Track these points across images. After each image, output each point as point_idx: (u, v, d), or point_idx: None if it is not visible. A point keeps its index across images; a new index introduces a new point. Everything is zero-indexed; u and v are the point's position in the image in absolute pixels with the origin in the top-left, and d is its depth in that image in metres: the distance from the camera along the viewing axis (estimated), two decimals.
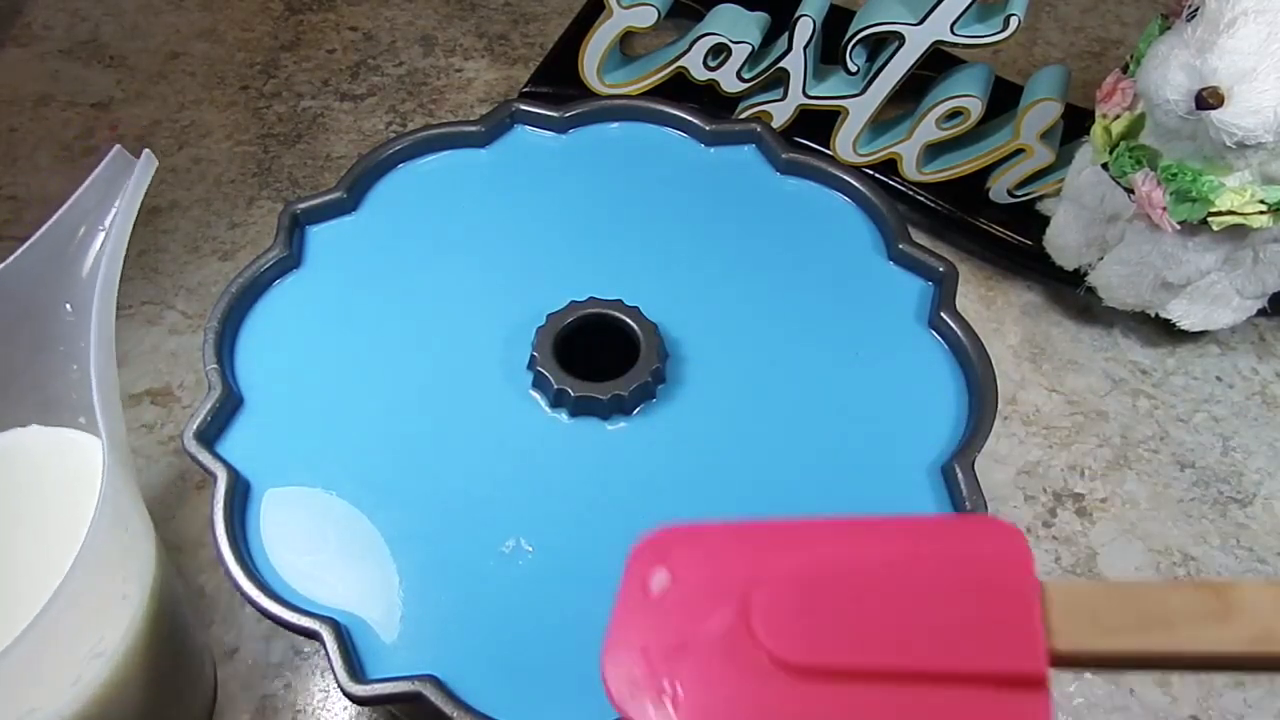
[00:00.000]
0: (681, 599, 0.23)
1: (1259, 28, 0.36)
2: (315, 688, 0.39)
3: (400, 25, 0.63)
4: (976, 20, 0.45)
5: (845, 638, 0.20)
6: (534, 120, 0.42)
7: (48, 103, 0.57)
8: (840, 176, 0.40)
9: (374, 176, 0.40)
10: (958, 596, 0.21)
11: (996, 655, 0.19)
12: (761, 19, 0.51)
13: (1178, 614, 0.20)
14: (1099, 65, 0.62)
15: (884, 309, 0.37)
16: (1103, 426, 0.47)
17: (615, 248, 0.39)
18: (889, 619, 0.20)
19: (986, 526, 0.22)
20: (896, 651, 0.20)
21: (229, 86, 0.59)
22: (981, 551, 0.21)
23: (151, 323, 0.48)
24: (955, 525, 0.23)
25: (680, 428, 0.34)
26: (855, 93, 0.50)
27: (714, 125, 0.41)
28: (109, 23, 0.62)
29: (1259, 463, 0.46)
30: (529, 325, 0.35)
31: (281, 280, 0.37)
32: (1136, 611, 0.20)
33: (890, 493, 0.33)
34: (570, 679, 0.30)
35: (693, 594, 0.23)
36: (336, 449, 0.34)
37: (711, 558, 0.23)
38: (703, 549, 0.24)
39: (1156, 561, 0.43)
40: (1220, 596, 0.20)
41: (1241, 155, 0.38)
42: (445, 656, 0.30)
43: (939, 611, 0.20)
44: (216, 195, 0.53)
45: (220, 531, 0.31)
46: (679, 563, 0.23)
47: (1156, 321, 0.48)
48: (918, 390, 0.36)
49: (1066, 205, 0.47)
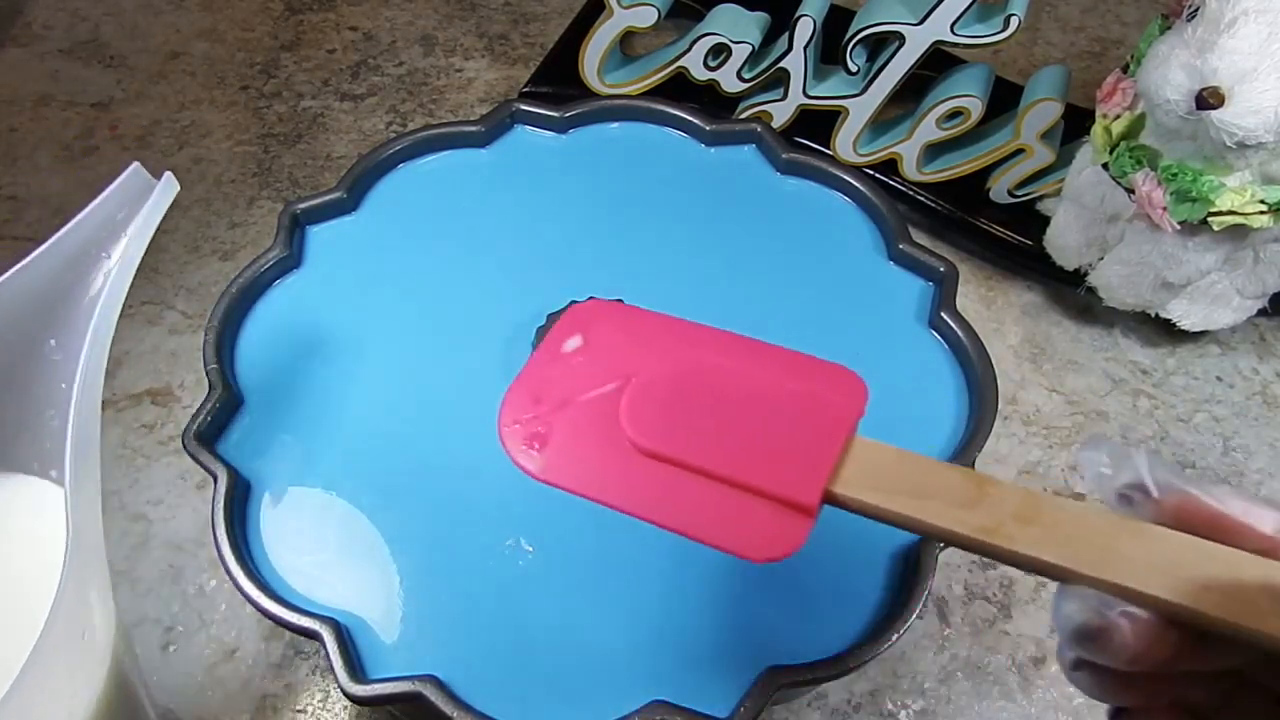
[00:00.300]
0: (583, 363, 0.27)
1: (1259, 28, 0.36)
2: (315, 688, 0.39)
3: (400, 25, 0.63)
4: (977, 20, 0.45)
5: (682, 436, 0.24)
6: (534, 120, 0.42)
7: (48, 103, 0.57)
8: (840, 176, 0.40)
9: (374, 176, 0.40)
10: (786, 425, 0.24)
11: (784, 482, 0.23)
12: (762, 19, 0.51)
13: (940, 491, 0.23)
14: (1099, 65, 0.62)
15: (884, 309, 0.37)
16: (1103, 426, 0.47)
17: (615, 247, 0.39)
18: (724, 429, 0.25)
19: (841, 376, 0.26)
20: (716, 457, 0.24)
21: (229, 86, 0.59)
22: (826, 395, 0.25)
23: (151, 323, 0.48)
24: (818, 368, 0.26)
25: None
26: (855, 93, 0.50)
27: (714, 125, 0.41)
28: (109, 22, 0.62)
29: (1260, 463, 0.46)
30: (529, 325, 0.35)
31: (282, 280, 0.37)
32: (911, 481, 0.23)
33: None
34: (570, 679, 0.30)
35: (593, 362, 0.27)
36: (336, 449, 0.34)
37: (621, 336, 0.27)
38: (619, 326, 0.28)
39: None
40: (980, 487, 0.23)
41: (1242, 155, 0.38)
42: (445, 656, 0.30)
43: (765, 433, 0.24)
44: (217, 195, 0.53)
45: (220, 531, 0.31)
46: (595, 332, 0.27)
47: (1157, 321, 0.48)
48: (918, 390, 0.36)
49: (1067, 205, 0.47)
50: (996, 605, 0.41)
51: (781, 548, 0.23)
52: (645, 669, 0.30)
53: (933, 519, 0.22)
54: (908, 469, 0.23)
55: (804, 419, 0.24)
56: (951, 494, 0.23)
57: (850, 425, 0.24)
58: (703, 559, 0.32)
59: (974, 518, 0.22)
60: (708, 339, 0.27)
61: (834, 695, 0.39)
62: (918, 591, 0.30)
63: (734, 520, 0.24)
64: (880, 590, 0.31)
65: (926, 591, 0.30)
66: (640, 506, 0.24)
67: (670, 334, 0.27)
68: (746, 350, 0.27)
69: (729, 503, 0.24)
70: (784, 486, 0.23)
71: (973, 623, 0.41)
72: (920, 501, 0.23)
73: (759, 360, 0.26)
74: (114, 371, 0.46)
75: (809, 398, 0.25)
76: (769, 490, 0.23)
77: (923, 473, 0.23)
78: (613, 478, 0.25)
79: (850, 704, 0.39)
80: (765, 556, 0.23)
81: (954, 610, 0.41)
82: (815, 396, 0.25)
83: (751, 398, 0.25)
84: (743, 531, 0.23)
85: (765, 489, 0.23)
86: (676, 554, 0.31)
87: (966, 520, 0.22)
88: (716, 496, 0.24)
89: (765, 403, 0.25)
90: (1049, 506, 0.22)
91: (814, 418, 0.24)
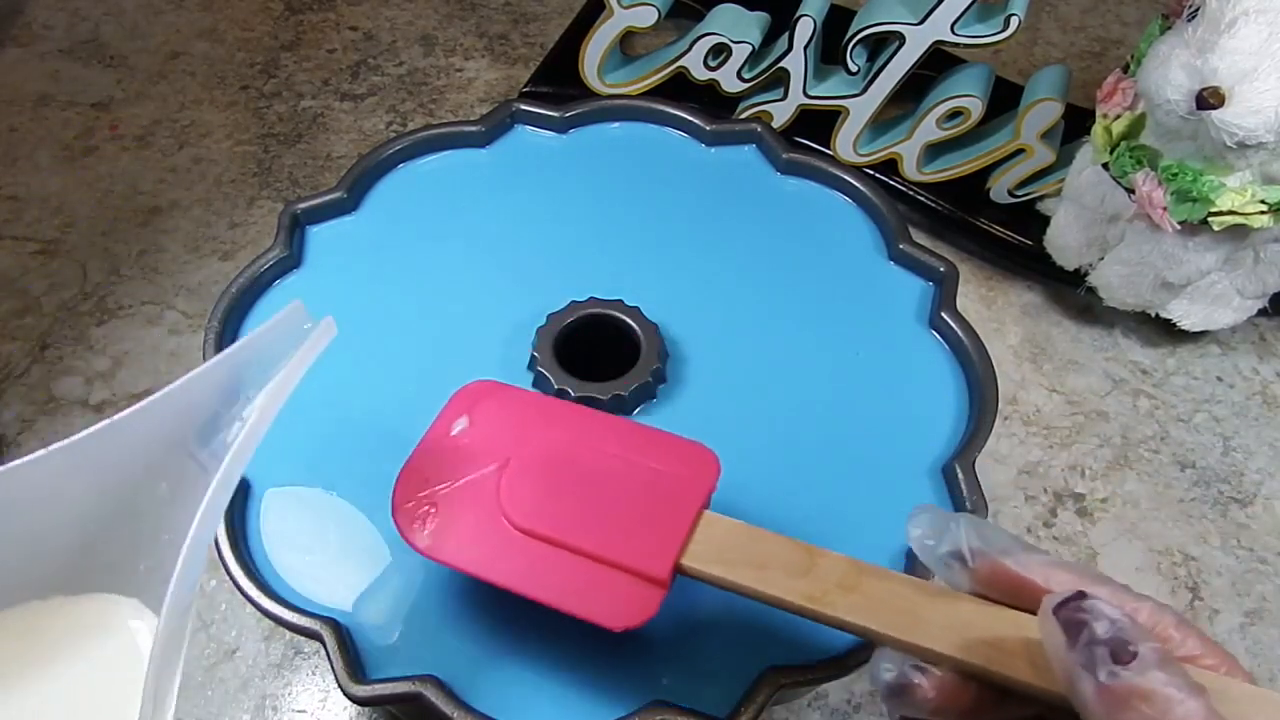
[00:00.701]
0: (469, 444, 0.29)
1: (1259, 28, 0.36)
2: (315, 688, 0.39)
3: (400, 25, 0.63)
4: (977, 20, 0.45)
5: (552, 515, 0.27)
6: (534, 120, 0.42)
7: (48, 102, 0.57)
8: (840, 176, 0.40)
9: (374, 176, 0.40)
10: (644, 503, 0.27)
11: (639, 557, 0.26)
12: (762, 19, 0.51)
13: (777, 562, 0.25)
14: (1099, 65, 0.62)
15: (884, 309, 0.37)
16: (1103, 426, 0.47)
17: (616, 248, 0.39)
18: (589, 507, 0.27)
19: (697, 454, 0.28)
20: (581, 535, 0.27)
21: (229, 86, 0.59)
22: (681, 473, 0.28)
23: (152, 322, 0.48)
24: (677, 446, 0.29)
25: (681, 427, 0.34)
26: (856, 93, 0.50)
27: (714, 125, 0.41)
28: (109, 22, 0.62)
29: (1259, 463, 0.46)
30: (529, 325, 0.35)
31: (282, 280, 0.37)
32: (751, 552, 0.26)
33: (890, 492, 0.33)
34: (569, 679, 0.30)
35: (477, 443, 0.29)
36: (336, 449, 0.34)
37: (503, 417, 0.30)
38: (501, 408, 0.30)
39: (1157, 562, 0.43)
40: (811, 558, 0.25)
41: (1242, 155, 0.38)
42: (445, 656, 0.30)
43: (626, 511, 0.27)
44: (217, 195, 0.53)
45: (220, 531, 0.31)
46: (480, 413, 0.30)
47: (1157, 321, 0.48)
48: (918, 390, 0.36)
49: (1067, 205, 0.47)
50: None
51: (636, 617, 0.26)
52: (645, 669, 0.30)
53: (768, 588, 0.25)
54: (749, 542, 0.26)
55: (660, 497, 0.27)
56: (787, 564, 0.25)
57: (700, 502, 0.27)
58: None
59: (803, 586, 0.25)
60: (579, 421, 0.30)
61: (834, 695, 0.39)
62: None
63: (596, 592, 0.26)
64: None
65: None
66: (514, 581, 0.27)
67: (546, 416, 0.30)
68: (614, 431, 0.29)
69: (592, 576, 0.26)
70: (639, 561, 0.26)
71: None
72: (759, 572, 0.25)
73: (624, 440, 0.29)
74: (114, 371, 0.46)
75: (666, 476, 0.28)
76: (626, 565, 0.26)
77: (762, 545, 0.26)
78: (490, 555, 0.27)
79: (850, 704, 0.39)
80: (622, 625, 0.26)
81: None
82: (671, 475, 0.28)
83: (614, 477, 0.28)
84: (603, 603, 0.26)
85: (623, 564, 0.26)
86: None
87: (796, 588, 0.25)
88: (582, 570, 0.27)
89: (627, 482, 0.28)
90: (869, 576, 0.25)
91: (669, 496, 0.27)
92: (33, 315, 0.48)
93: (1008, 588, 0.23)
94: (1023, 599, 0.22)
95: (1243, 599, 0.42)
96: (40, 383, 0.46)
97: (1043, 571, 0.22)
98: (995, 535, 0.23)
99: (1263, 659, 0.41)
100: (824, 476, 0.33)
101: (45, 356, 0.47)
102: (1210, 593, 0.42)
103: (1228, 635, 0.41)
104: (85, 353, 0.47)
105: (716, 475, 0.28)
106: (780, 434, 0.34)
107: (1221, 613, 0.42)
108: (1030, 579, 0.22)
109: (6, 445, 0.44)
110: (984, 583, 0.23)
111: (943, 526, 0.23)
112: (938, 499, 0.33)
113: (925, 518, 0.24)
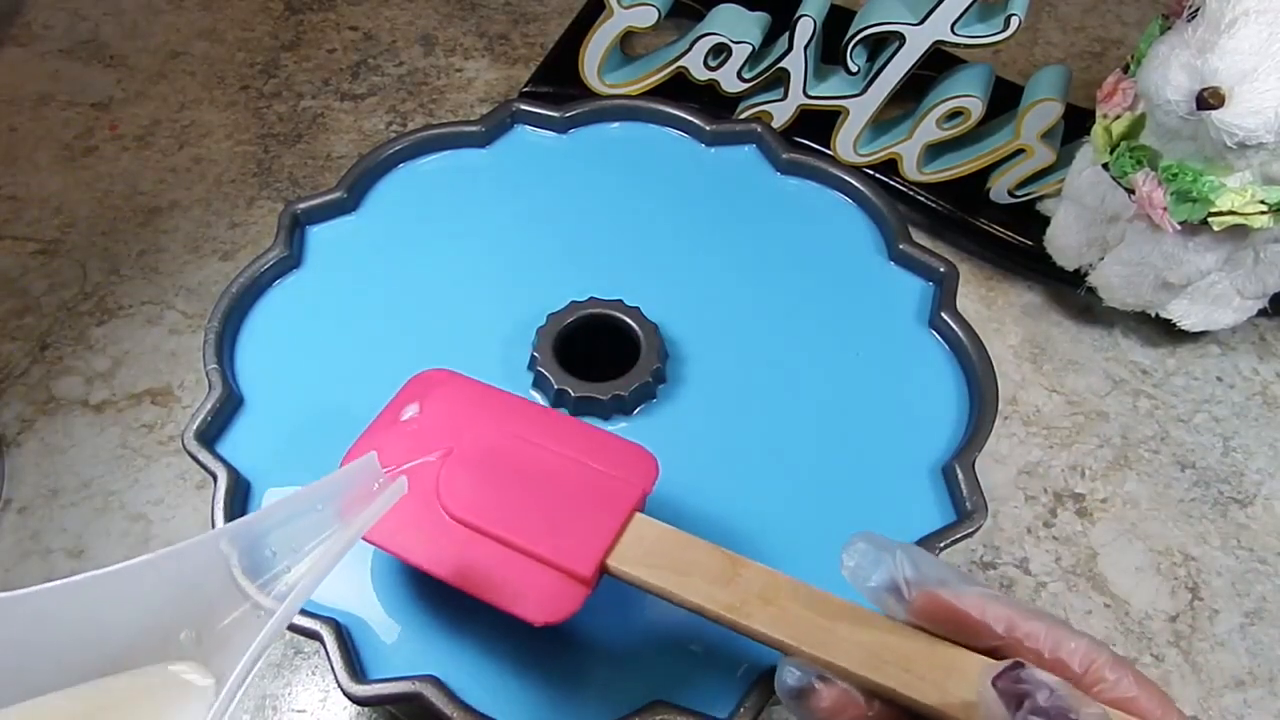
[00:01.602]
0: (415, 432, 0.30)
1: (1259, 28, 0.36)
2: (315, 687, 0.39)
3: (400, 25, 0.63)
4: (977, 20, 0.45)
5: (486, 506, 0.28)
6: (534, 120, 0.42)
7: (48, 102, 0.57)
8: (840, 176, 0.40)
9: (374, 176, 0.40)
10: (578, 501, 0.27)
11: (566, 555, 0.26)
12: (762, 19, 0.51)
13: (701, 569, 0.26)
14: (1100, 65, 0.62)
15: (884, 309, 0.37)
16: (1103, 427, 0.47)
17: (616, 248, 0.39)
18: (524, 501, 0.28)
19: (637, 457, 0.29)
20: (513, 528, 0.27)
21: (229, 86, 0.59)
22: (618, 474, 0.28)
23: (152, 322, 0.48)
24: (618, 448, 0.29)
25: (681, 427, 0.34)
26: (856, 93, 0.50)
27: (714, 125, 0.41)
28: (109, 22, 0.62)
29: (1259, 463, 0.46)
30: (529, 325, 0.35)
31: (282, 280, 0.37)
32: (676, 558, 0.26)
33: (890, 492, 0.33)
34: (569, 679, 0.30)
35: (423, 431, 0.30)
36: (337, 449, 0.34)
37: (451, 406, 0.30)
38: (449, 397, 0.30)
39: (1157, 562, 0.43)
40: (734, 567, 0.26)
41: (1242, 155, 0.38)
42: (445, 656, 0.30)
43: (559, 507, 0.27)
44: (217, 195, 0.53)
45: None
46: (429, 402, 0.30)
47: (1157, 322, 0.48)
48: (918, 390, 0.36)
49: (1067, 205, 0.47)
50: None
51: (558, 613, 0.26)
52: (645, 669, 0.30)
53: (689, 595, 0.25)
54: (675, 548, 0.26)
55: (594, 496, 0.28)
56: (709, 572, 0.26)
57: (633, 504, 0.27)
58: None
59: (723, 595, 0.25)
60: (525, 415, 0.30)
61: None
62: None
63: (520, 586, 0.27)
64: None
65: None
66: (441, 569, 0.27)
67: (493, 409, 0.30)
68: (556, 427, 0.30)
69: (519, 569, 0.27)
70: (565, 558, 0.26)
71: None
72: (681, 578, 0.26)
73: (566, 438, 0.29)
74: (113, 371, 0.46)
75: (603, 477, 0.28)
76: (553, 561, 0.26)
77: (688, 552, 0.26)
78: (421, 541, 0.28)
79: None
80: (543, 620, 0.26)
81: None
82: (609, 476, 0.28)
83: (552, 474, 0.28)
84: (526, 597, 0.26)
85: (550, 559, 0.27)
86: None
87: (717, 597, 0.25)
88: (510, 563, 0.27)
89: (564, 479, 0.28)
90: (790, 590, 0.25)
91: (603, 496, 0.28)
92: (33, 315, 0.48)
93: (944, 619, 0.23)
94: (958, 631, 0.23)
95: (1242, 599, 0.42)
96: (40, 382, 0.46)
97: (979, 605, 0.22)
98: (931, 566, 0.23)
99: (1262, 659, 0.41)
100: (824, 476, 0.33)
101: (45, 356, 0.47)
102: (1210, 593, 0.42)
103: (1228, 635, 0.41)
104: (85, 352, 0.47)
105: (653, 479, 0.28)
106: (780, 434, 0.34)
107: (1221, 613, 0.42)
108: (966, 611, 0.22)
109: (6, 445, 0.44)
110: (919, 614, 0.23)
111: (878, 558, 0.23)
112: (937, 498, 0.33)
113: (861, 547, 0.23)
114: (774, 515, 0.33)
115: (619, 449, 0.29)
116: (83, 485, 0.43)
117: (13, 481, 0.43)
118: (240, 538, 0.22)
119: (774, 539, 0.32)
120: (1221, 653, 0.41)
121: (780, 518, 0.33)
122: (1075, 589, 0.42)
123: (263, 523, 0.23)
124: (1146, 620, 0.42)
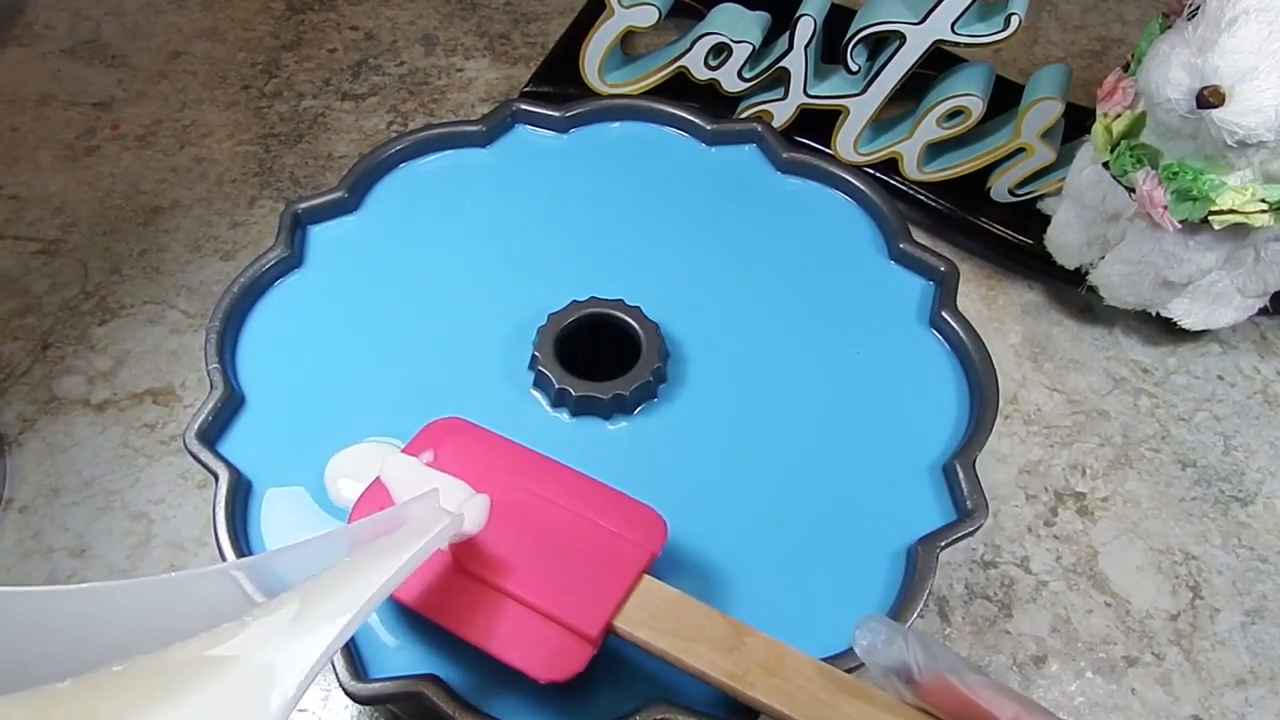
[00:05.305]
0: None
1: (1260, 27, 0.36)
2: (316, 687, 0.39)
3: (401, 25, 0.63)
4: (977, 19, 0.45)
5: (496, 560, 0.28)
6: (535, 120, 0.42)
7: (49, 102, 0.57)
8: (841, 176, 0.40)
9: (375, 176, 0.40)
10: (587, 560, 0.28)
11: (573, 613, 0.27)
12: (762, 18, 0.51)
13: (704, 635, 0.26)
14: (1100, 64, 0.62)
15: (885, 308, 0.37)
16: (1104, 426, 0.47)
17: (616, 247, 0.39)
18: (534, 557, 0.28)
19: (646, 518, 0.29)
20: (521, 582, 0.27)
21: (230, 86, 0.59)
22: (628, 535, 0.28)
23: (153, 322, 0.48)
24: (627, 507, 0.29)
25: (681, 427, 0.34)
26: (856, 92, 0.50)
27: (715, 125, 0.41)
28: (110, 22, 0.62)
29: (1260, 462, 0.46)
30: (530, 325, 0.35)
31: (283, 280, 0.37)
32: (681, 623, 0.26)
33: (891, 491, 0.33)
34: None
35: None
36: (338, 448, 0.34)
37: (463, 457, 0.30)
38: (464, 447, 0.31)
39: (1158, 561, 0.43)
40: (739, 635, 0.26)
41: (1242, 154, 0.38)
42: (445, 656, 0.30)
43: (568, 565, 0.28)
44: (218, 195, 0.53)
45: (221, 530, 0.31)
46: (444, 450, 0.30)
47: (1158, 320, 0.48)
48: (918, 389, 0.36)
49: (1067, 204, 0.47)
50: (997, 604, 0.41)
51: (563, 671, 0.26)
52: (645, 669, 0.30)
53: (693, 661, 0.25)
54: (681, 613, 0.27)
55: (604, 556, 0.28)
56: (713, 639, 0.26)
57: (642, 565, 0.27)
58: (700, 560, 0.32)
59: (727, 663, 0.25)
60: (537, 470, 0.30)
61: None
62: (918, 591, 0.30)
63: (527, 641, 0.27)
64: (881, 589, 0.31)
65: (927, 591, 0.30)
66: (450, 620, 0.27)
67: (507, 461, 0.30)
68: (568, 483, 0.30)
69: (526, 624, 0.27)
70: (573, 617, 0.27)
71: (974, 622, 0.41)
72: (686, 644, 0.26)
73: (577, 494, 0.29)
74: (115, 371, 0.47)
75: (613, 537, 0.28)
76: (560, 618, 0.27)
77: (693, 618, 0.26)
78: (431, 591, 0.28)
79: None
80: (548, 678, 0.26)
81: (955, 609, 0.41)
82: (618, 536, 0.28)
83: (563, 532, 0.28)
84: (532, 652, 0.27)
85: (557, 617, 0.27)
86: (675, 554, 0.31)
87: (720, 665, 0.25)
88: (517, 618, 0.27)
89: (574, 537, 0.28)
90: (792, 660, 0.25)
91: (613, 556, 0.28)
92: (34, 315, 0.48)
93: (952, 705, 0.23)
94: (964, 718, 0.23)
95: (1243, 598, 0.42)
96: (42, 382, 0.46)
97: (987, 695, 0.23)
98: (941, 653, 0.23)
99: (1263, 658, 0.41)
100: (824, 476, 0.33)
101: (46, 356, 0.47)
102: (1211, 592, 0.42)
103: (1228, 634, 0.41)
104: (87, 352, 0.47)
105: (662, 542, 0.28)
106: (780, 434, 0.34)
107: (1222, 612, 0.42)
108: (975, 699, 0.23)
109: (8, 444, 0.44)
110: (928, 696, 0.23)
111: (891, 638, 0.24)
112: (938, 498, 0.33)
113: (874, 625, 0.24)
114: (774, 514, 0.33)
115: (629, 509, 0.29)
116: (84, 485, 0.43)
117: (14, 481, 0.43)
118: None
119: (774, 539, 0.32)
120: (1222, 651, 0.41)
121: (780, 517, 0.33)
122: (1076, 588, 0.42)
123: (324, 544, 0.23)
124: (1147, 619, 0.42)
